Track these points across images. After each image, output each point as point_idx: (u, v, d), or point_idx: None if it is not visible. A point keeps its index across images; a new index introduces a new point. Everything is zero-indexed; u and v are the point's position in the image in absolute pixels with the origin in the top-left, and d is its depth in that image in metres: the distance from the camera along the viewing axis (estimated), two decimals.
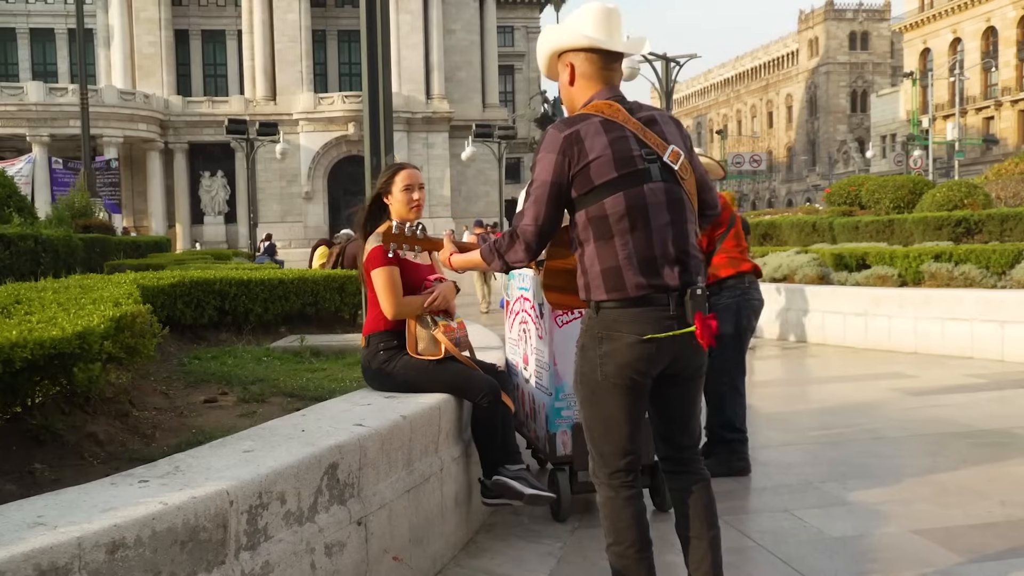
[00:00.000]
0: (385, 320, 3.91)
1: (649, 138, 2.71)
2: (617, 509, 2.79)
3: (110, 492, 2.22)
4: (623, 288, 2.63)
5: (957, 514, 4.31)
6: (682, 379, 2.80)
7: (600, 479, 2.83)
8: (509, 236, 2.78)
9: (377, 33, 6.41)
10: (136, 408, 3.61)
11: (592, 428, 2.81)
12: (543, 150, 2.71)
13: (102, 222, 18.27)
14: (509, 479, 3.82)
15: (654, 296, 2.63)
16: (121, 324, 3.17)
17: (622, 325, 2.65)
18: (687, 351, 2.70)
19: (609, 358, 2.67)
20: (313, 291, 6.58)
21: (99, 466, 2.87)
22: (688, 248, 2.71)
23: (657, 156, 2.70)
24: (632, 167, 2.66)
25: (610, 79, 2.80)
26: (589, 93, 2.80)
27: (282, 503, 2.55)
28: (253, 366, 4.93)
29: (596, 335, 2.70)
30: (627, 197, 2.64)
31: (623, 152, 2.66)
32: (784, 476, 5.09)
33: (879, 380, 8.22)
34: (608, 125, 2.68)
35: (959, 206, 15.16)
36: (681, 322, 2.64)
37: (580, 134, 2.67)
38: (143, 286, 5.29)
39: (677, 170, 2.72)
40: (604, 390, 2.71)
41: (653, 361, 2.67)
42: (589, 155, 2.64)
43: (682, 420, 2.88)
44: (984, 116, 65.47)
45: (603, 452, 2.80)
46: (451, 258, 3.13)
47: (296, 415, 3.35)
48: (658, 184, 2.67)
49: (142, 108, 50.37)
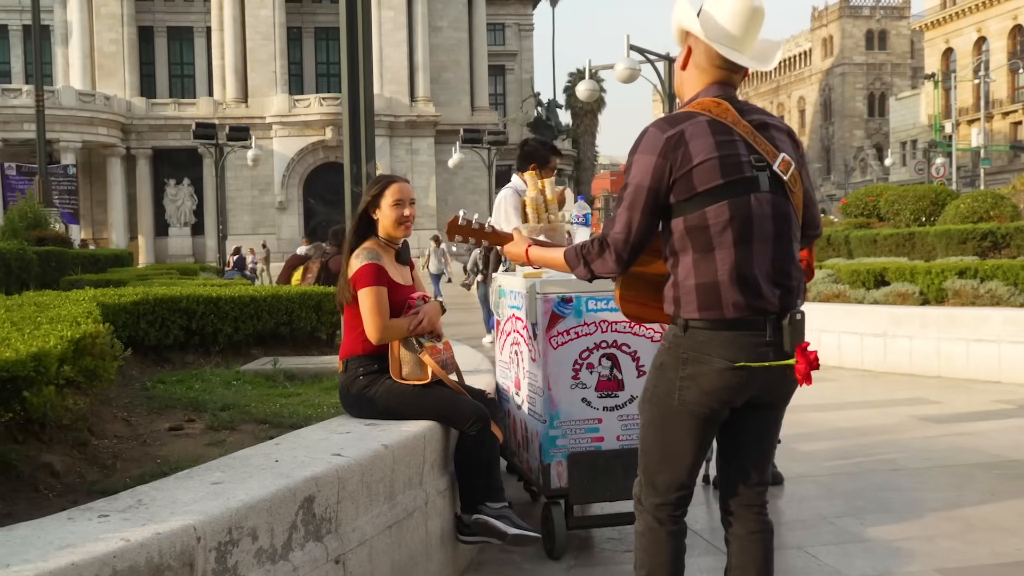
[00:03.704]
0: (364, 343, 3.92)
1: (760, 144, 2.64)
2: (658, 542, 2.77)
3: (67, 528, 2.22)
4: (719, 307, 2.58)
5: (984, 552, 4.32)
6: (766, 405, 2.75)
7: (645, 508, 2.80)
8: (599, 244, 2.70)
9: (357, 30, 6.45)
10: (96, 436, 3.61)
11: (650, 453, 2.78)
12: (640, 151, 2.64)
13: (58, 234, 18.26)
14: (491, 518, 3.82)
15: (751, 319, 2.58)
16: (80, 345, 3.17)
17: (713, 348, 2.59)
18: (779, 382, 2.66)
19: (692, 382, 2.62)
20: (288, 309, 6.57)
21: (55, 499, 2.86)
22: (791, 268, 2.67)
23: (767, 164, 2.63)
24: (739, 174, 2.59)
25: (727, 77, 2.72)
26: (699, 86, 2.73)
27: (254, 539, 2.55)
28: (222, 390, 4.92)
29: (680, 355, 2.64)
30: (732, 206, 2.57)
31: (731, 157, 2.59)
32: (797, 511, 5.09)
33: (899, 406, 8.25)
34: (716, 126, 2.61)
35: (985, 218, 15.25)
36: (777, 349, 2.59)
37: (685, 135, 2.59)
38: (103, 304, 5.29)
39: (787, 181, 2.66)
40: (678, 416, 2.68)
41: (740, 391, 2.63)
42: (694, 159, 2.57)
43: (759, 452, 2.83)
44: (1012, 121, 65.91)
45: (656, 481, 2.77)
46: (529, 251, 3.05)
47: (269, 444, 3.35)
48: (765, 195, 2.62)
49: (102, 111, 50.37)
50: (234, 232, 48.46)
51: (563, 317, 4.20)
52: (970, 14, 69.93)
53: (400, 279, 4.05)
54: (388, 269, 3.98)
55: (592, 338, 4.23)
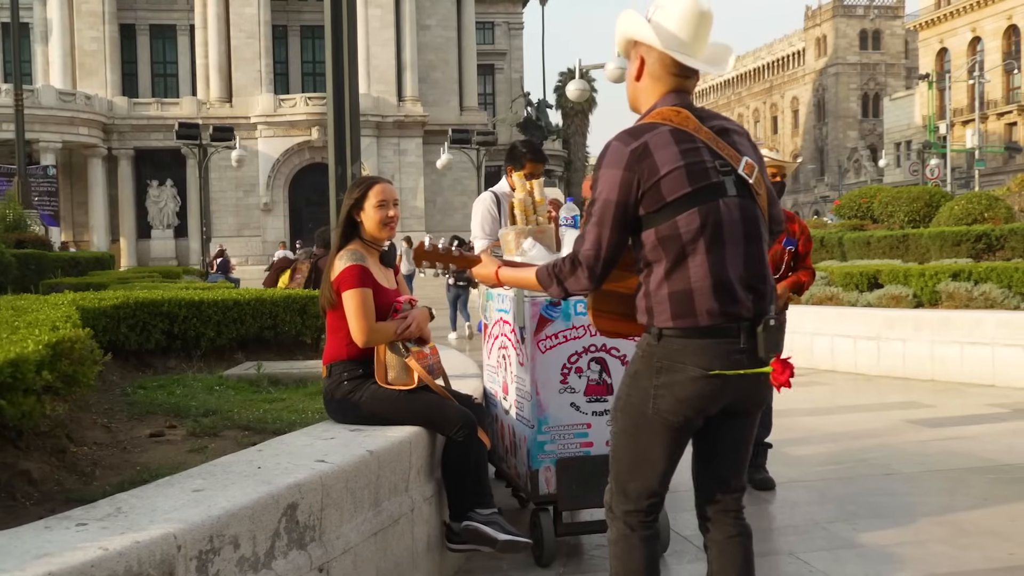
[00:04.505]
0: (349, 347, 3.92)
1: (723, 149, 2.68)
2: (631, 549, 2.79)
3: (44, 536, 2.22)
4: (692, 314, 2.60)
5: (976, 557, 4.35)
6: (741, 412, 2.79)
7: (616, 515, 2.83)
8: (570, 262, 2.73)
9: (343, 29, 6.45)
10: (74, 443, 3.60)
11: (622, 461, 2.80)
12: (606, 165, 2.66)
13: (37, 236, 18.20)
14: (480, 524, 3.82)
15: (725, 327, 2.60)
16: (59, 350, 3.16)
17: (687, 356, 2.61)
18: (754, 389, 2.70)
19: (667, 391, 2.65)
20: (272, 313, 6.56)
21: (32, 508, 2.85)
22: (763, 272, 2.70)
23: (732, 168, 2.67)
24: (706, 180, 2.62)
25: (682, 84, 2.76)
26: (655, 96, 2.76)
27: (235, 548, 2.54)
28: (204, 396, 4.91)
29: (654, 364, 2.66)
30: (702, 213, 2.60)
31: (696, 164, 2.62)
32: (789, 516, 5.11)
33: (892, 410, 8.29)
34: (678, 135, 2.64)
35: (979, 220, 15.33)
36: (751, 356, 2.62)
37: (649, 146, 2.62)
38: (83, 308, 5.27)
39: (752, 184, 2.70)
40: (651, 425, 2.70)
41: (715, 399, 2.66)
42: (660, 170, 2.59)
43: (736, 459, 2.86)
44: (1006, 122, 66.33)
45: (627, 489, 2.79)
46: (499, 272, 3.07)
47: (252, 450, 3.35)
48: (733, 199, 2.65)
49: (83, 110, 50.22)
50: (218, 234, 48.36)
51: (551, 320, 4.21)
52: (965, 14, 70.33)
53: (385, 282, 4.05)
54: (373, 271, 3.98)
55: (581, 342, 4.24)
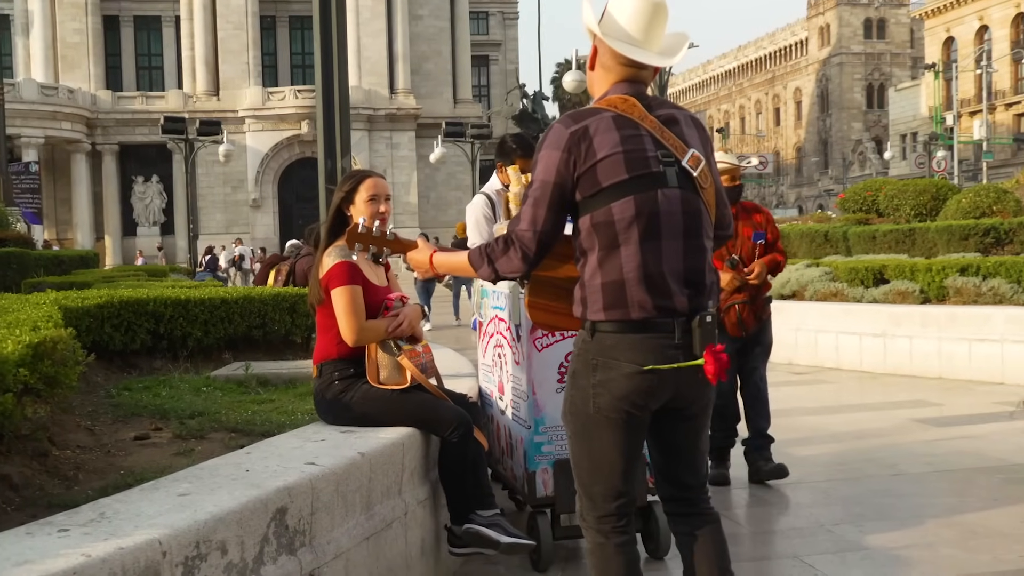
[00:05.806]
0: (339, 346, 3.91)
1: (667, 139, 2.70)
2: (607, 557, 2.80)
3: (26, 543, 2.21)
4: (624, 306, 2.62)
5: (985, 559, 4.36)
6: (687, 415, 2.81)
7: (588, 523, 2.83)
8: (503, 241, 2.74)
9: (332, 19, 6.44)
10: (56, 446, 3.59)
11: (581, 466, 2.81)
12: (545, 146, 2.70)
13: (19, 234, 18.17)
14: (482, 527, 3.81)
15: (658, 321, 2.62)
16: (40, 351, 3.15)
17: (620, 352, 2.64)
18: (693, 385, 2.70)
19: (604, 388, 2.67)
20: (260, 312, 6.55)
21: (13, 513, 2.85)
22: (703, 267, 2.71)
23: (675, 159, 2.69)
24: (645, 169, 2.64)
25: (635, 75, 2.78)
26: (606, 84, 2.80)
27: (223, 554, 2.54)
28: (191, 397, 4.90)
29: (590, 361, 2.69)
30: (637, 202, 2.62)
31: (636, 152, 2.65)
32: (793, 518, 5.12)
33: (899, 409, 8.29)
34: (621, 121, 2.68)
35: (987, 213, 15.34)
36: (687, 352, 2.63)
37: (589, 130, 2.66)
38: (66, 307, 5.26)
39: (696, 177, 2.70)
40: (596, 424, 2.71)
41: (653, 395, 2.68)
42: (598, 153, 2.63)
43: (688, 458, 2.88)
44: (1015, 112, 66.38)
45: (592, 493, 2.80)
46: (432, 258, 3.06)
47: (240, 453, 3.34)
48: (674, 191, 2.66)
49: (66, 104, 50.16)
50: (206, 231, 48.32)
51: None
52: (972, 2, 70.37)
53: (375, 279, 4.03)
54: (363, 268, 3.97)
55: None
